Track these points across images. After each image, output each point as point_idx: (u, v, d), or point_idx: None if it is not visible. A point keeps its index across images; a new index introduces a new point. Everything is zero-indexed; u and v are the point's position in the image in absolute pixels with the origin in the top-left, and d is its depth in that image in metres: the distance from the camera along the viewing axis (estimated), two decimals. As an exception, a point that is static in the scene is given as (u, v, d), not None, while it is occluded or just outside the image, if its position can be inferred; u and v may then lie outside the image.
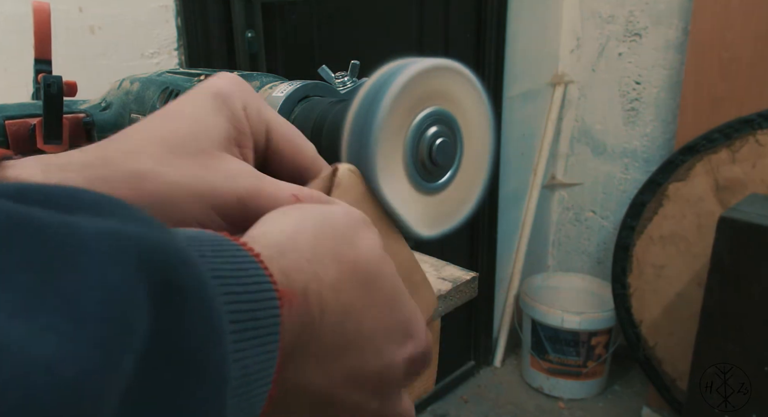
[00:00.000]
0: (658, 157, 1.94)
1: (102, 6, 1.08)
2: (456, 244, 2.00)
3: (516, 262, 2.19)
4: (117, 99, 0.54)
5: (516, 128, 2.03)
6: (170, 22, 1.17)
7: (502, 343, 2.20)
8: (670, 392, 1.80)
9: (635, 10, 1.90)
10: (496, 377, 2.17)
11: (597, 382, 2.03)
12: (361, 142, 0.32)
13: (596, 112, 2.08)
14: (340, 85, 0.51)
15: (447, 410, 2.00)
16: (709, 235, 1.50)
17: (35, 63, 0.57)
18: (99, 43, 1.09)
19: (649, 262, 1.80)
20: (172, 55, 1.19)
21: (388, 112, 0.32)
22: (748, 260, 1.33)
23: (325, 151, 0.42)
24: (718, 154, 1.64)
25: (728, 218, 1.35)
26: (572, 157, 2.18)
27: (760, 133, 1.57)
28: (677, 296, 1.76)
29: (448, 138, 0.35)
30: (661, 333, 1.80)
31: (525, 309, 2.04)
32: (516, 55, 1.94)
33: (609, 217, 2.14)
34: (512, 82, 1.96)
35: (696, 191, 1.69)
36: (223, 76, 0.28)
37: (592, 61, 2.04)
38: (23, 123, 0.51)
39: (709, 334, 1.41)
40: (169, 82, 0.50)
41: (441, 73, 0.34)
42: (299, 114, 0.45)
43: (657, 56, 1.89)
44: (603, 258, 2.18)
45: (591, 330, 1.93)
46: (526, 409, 2.00)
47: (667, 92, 1.90)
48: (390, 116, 0.32)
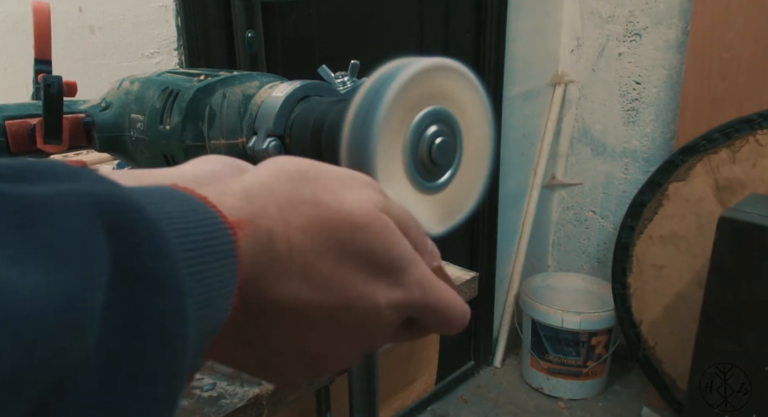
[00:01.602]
0: (658, 157, 1.94)
1: (102, 6, 1.08)
2: (456, 244, 1.99)
3: (516, 262, 2.19)
4: (117, 99, 0.54)
5: (516, 128, 2.03)
6: (170, 22, 1.17)
7: (502, 343, 2.20)
8: (670, 392, 1.80)
9: (635, 10, 1.90)
10: (496, 377, 2.17)
11: (597, 382, 2.03)
12: (361, 141, 0.32)
13: (596, 112, 2.08)
14: (340, 84, 0.51)
15: (447, 410, 2.00)
16: (709, 235, 1.50)
17: (35, 63, 0.57)
18: (99, 43, 1.09)
19: (649, 262, 1.80)
20: (172, 55, 1.19)
21: (388, 112, 0.32)
22: (748, 260, 1.33)
23: (326, 150, 0.42)
24: (718, 154, 1.64)
25: (728, 218, 1.35)
26: (572, 157, 2.18)
27: (760, 133, 1.57)
28: (677, 296, 1.76)
29: (448, 137, 0.35)
30: (661, 333, 1.80)
31: (525, 309, 2.04)
32: (516, 54, 1.94)
33: (609, 217, 2.14)
34: (512, 82, 1.96)
35: (696, 191, 1.69)
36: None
37: (592, 61, 2.04)
38: (23, 123, 0.51)
39: (709, 334, 1.41)
40: (169, 83, 0.50)
41: (441, 72, 0.34)
42: (299, 114, 0.45)
43: (657, 56, 1.89)
44: (603, 258, 2.18)
45: (591, 330, 1.93)
46: (526, 409, 2.00)
47: (667, 92, 1.90)
48: (390, 116, 0.32)
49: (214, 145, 0.47)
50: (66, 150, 0.55)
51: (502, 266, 2.16)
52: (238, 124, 0.47)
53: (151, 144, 0.50)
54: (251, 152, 0.46)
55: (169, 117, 0.48)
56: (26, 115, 0.52)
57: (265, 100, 0.46)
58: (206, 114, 0.47)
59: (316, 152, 0.44)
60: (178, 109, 0.48)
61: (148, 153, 0.51)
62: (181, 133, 0.47)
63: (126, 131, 0.53)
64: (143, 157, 0.53)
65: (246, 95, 0.48)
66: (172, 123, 0.48)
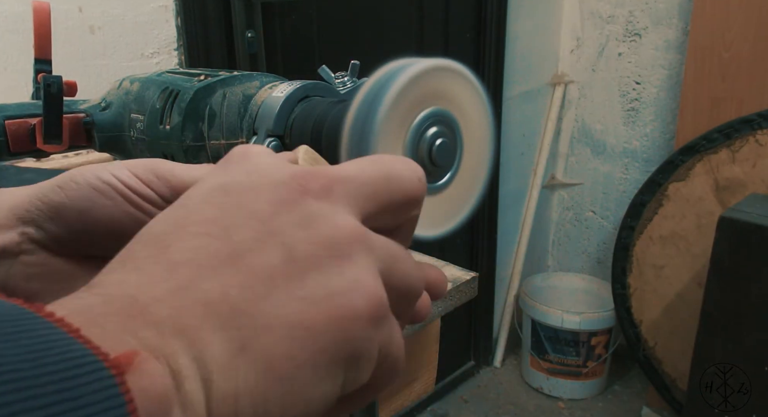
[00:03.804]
0: (658, 157, 1.94)
1: (102, 6, 1.08)
2: (456, 245, 1.99)
3: (516, 262, 2.19)
4: (117, 99, 0.54)
5: (516, 128, 2.03)
6: (170, 22, 1.17)
7: (502, 343, 2.20)
8: (670, 392, 1.80)
9: (635, 10, 1.90)
10: (495, 377, 2.17)
11: (597, 382, 2.03)
12: (361, 143, 0.32)
13: (596, 112, 2.08)
14: (340, 85, 0.51)
15: (447, 410, 2.00)
16: (709, 235, 1.50)
17: (35, 63, 0.57)
18: (99, 43, 1.09)
19: (649, 262, 1.80)
20: (172, 55, 1.19)
21: (388, 114, 0.32)
22: (748, 260, 1.33)
23: (325, 151, 0.42)
24: (718, 154, 1.64)
25: (728, 218, 1.35)
26: (572, 157, 2.18)
27: (760, 133, 1.57)
28: (677, 296, 1.76)
29: (448, 138, 0.35)
30: (661, 333, 1.80)
31: (525, 309, 2.04)
32: (516, 55, 1.94)
33: (609, 217, 2.14)
34: (512, 82, 1.96)
35: (696, 191, 1.69)
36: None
37: (592, 61, 2.04)
38: (23, 123, 0.51)
39: (709, 334, 1.41)
40: (169, 82, 0.50)
41: (441, 73, 0.34)
42: (299, 114, 0.45)
43: (657, 56, 1.89)
44: (603, 258, 2.18)
45: (591, 330, 1.93)
46: (525, 409, 2.00)
47: (667, 92, 1.90)
48: (389, 117, 0.32)
49: (214, 145, 0.47)
50: (66, 150, 0.55)
51: (502, 266, 2.16)
52: (238, 124, 0.47)
53: (151, 144, 0.50)
54: (251, 152, 0.46)
55: (169, 117, 0.48)
56: (26, 114, 0.52)
57: (265, 100, 0.46)
58: (206, 114, 0.47)
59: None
60: (178, 109, 0.48)
61: (148, 153, 0.51)
62: (181, 133, 0.47)
63: (126, 131, 0.53)
64: (143, 157, 0.53)
65: (246, 95, 0.48)
66: (172, 123, 0.48)
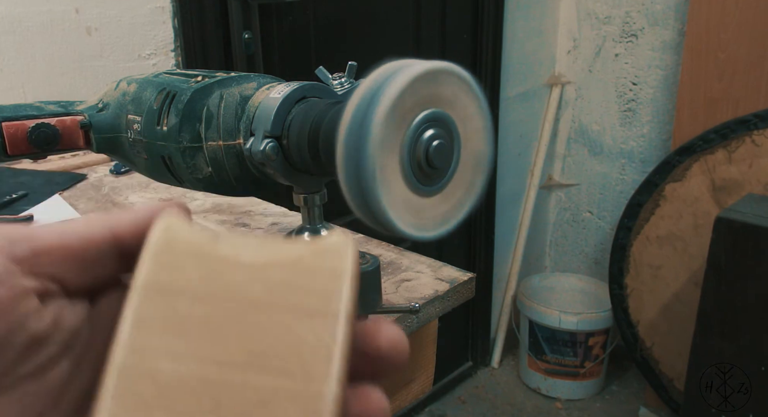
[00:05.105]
0: (654, 157, 1.95)
1: (99, 7, 1.08)
2: (453, 245, 2.00)
3: (513, 263, 2.20)
4: (114, 100, 0.54)
5: (513, 129, 2.03)
6: (167, 23, 1.17)
7: (500, 344, 2.20)
8: (668, 392, 1.80)
9: (632, 11, 1.91)
10: (493, 378, 2.17)
11: (594, 382, 2.03)
12: (358, 145, 0.32)
13: (593, 113, 2.08)
14: (338, 86, 0.51)
15: (444, 411, 2.00)
16: (705, 235, 1.50)
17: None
18: (96, 44, 1.09)
19: (646, 262, 1.80)
20: (169, 56, 1.19)
21: (385, 116, 0.32)
22: (744, 260, 1.33)
23: (323, 152, 0.42)
24: (715, 154, 1.64)
25: (725, 218, 1.35)
26: (569, 158, 2.18)
27: (756, 134, 1.58)
28: (674, 296, 1.76)
29: (445, 140, 0.35)
30: (659, 333, 1.81)
31: (522, 309, 2.05)
32: (513, 56, 1.94)
33: (606, 218, 2.14)
34: (509, 83, 1.96)
35: (692, 191, 1.69)
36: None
37: (589, 62, 2.04)
38: (20, 125, 0.51)
39: (706, 334, 1.41)
40: (166, 84, 0.50)
41: (438, 75, 0.34)
42: (296, 115, 0.45)
43: (653, 57, 1.89)
44: (600, 258, 2.18)
45: (588, 330, 1.93)
46: (523, 409, 2.00)
47: (663, 93, 1.90)
48: (386, 120, 0.32)
49: (211, 146, 0.47)
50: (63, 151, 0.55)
51: (500, 267, 2.17)
52: (235, 125, 0.47)
53: (148, 145, 0.50)
54: (249, 153, 0.46)
55: (166, 118, 0.48)
56: (23, 116, 0.52)
57: (263, 101, 0.46)
58: (203, 115, 0.47)
59: (313, 154, 0.44)
60: (176, 110, 0.47)
61: (145, 154, 0.51)
62: (178, 134, 0.47)
63: (123, 132, 0.53)
64: (140, 159, 0.53)
65: (243, 96, 0.48)
66: (169, 124, 0.48)
